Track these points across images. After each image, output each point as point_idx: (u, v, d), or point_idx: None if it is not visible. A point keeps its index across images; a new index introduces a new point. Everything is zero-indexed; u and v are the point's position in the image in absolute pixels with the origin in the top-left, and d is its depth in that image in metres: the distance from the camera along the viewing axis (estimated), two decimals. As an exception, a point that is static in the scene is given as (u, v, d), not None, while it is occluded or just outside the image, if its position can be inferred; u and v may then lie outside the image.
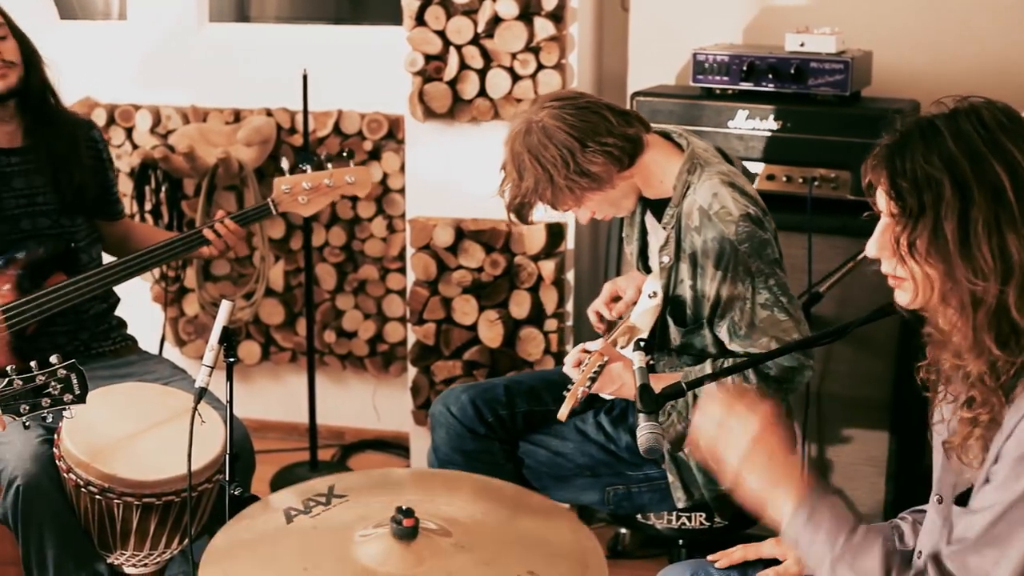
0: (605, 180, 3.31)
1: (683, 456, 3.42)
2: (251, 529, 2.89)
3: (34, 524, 3.57)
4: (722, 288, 3.25)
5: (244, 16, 5.93)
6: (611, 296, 3.73)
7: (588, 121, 3.27)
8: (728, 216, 3.23)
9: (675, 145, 3.43)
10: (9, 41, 3.97)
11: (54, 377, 3.03)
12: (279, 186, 4.13)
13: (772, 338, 3.23)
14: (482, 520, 2.89)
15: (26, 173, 4.02)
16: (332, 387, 5.70)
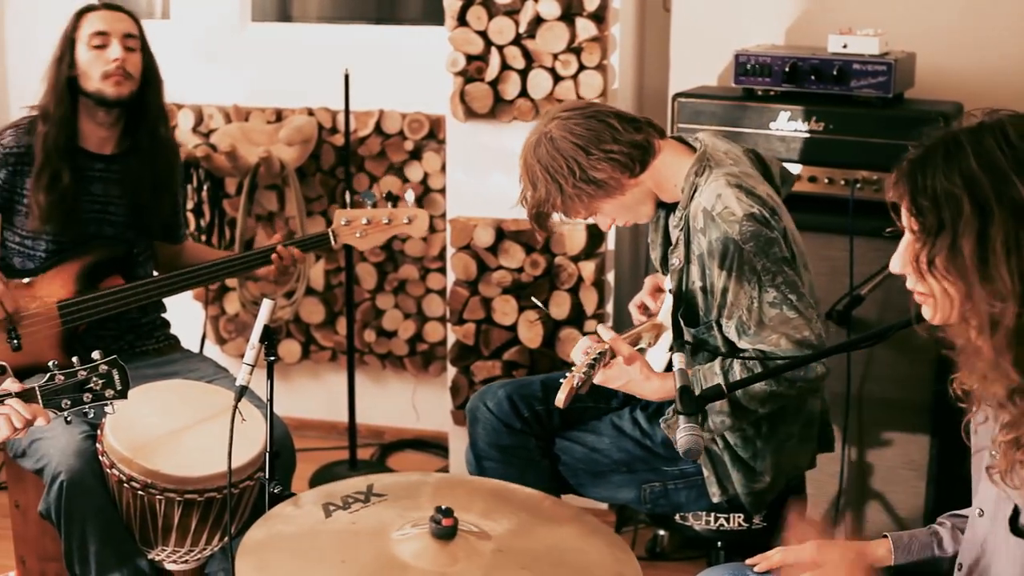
0: (613, 187, 3.34)
1: (717, 451, 3.42)
2: (289, 523, 2.90)
3: (77, 519, 3.59)
4: (728, 287, 3.25)
5: (286, 16, 5.95)
6: (653, 288, 3.73)
7: (593, 130, 3.31)
8: (731, 216, 3.23)
9: (690, 148, 3.44)
10: (136, 56, 4.04)
11: (96, 372, 3.04)
12: (339, 218, 4.16)
13: (783, 335, 3.22)
14: (520, 527, 2.89)
15: (105, 181, 4.07)
16: (372, 386, 5.71)
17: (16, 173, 3.99)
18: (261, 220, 5.52)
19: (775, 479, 3.44)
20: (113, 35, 3.98)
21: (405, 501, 2.97)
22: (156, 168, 4.13)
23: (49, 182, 3.95)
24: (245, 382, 3.14)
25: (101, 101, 3.98)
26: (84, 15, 4.04)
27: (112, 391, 3.06)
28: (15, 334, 3.92)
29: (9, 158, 3.98)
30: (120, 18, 4.04)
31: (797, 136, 4.20)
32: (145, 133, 4.11)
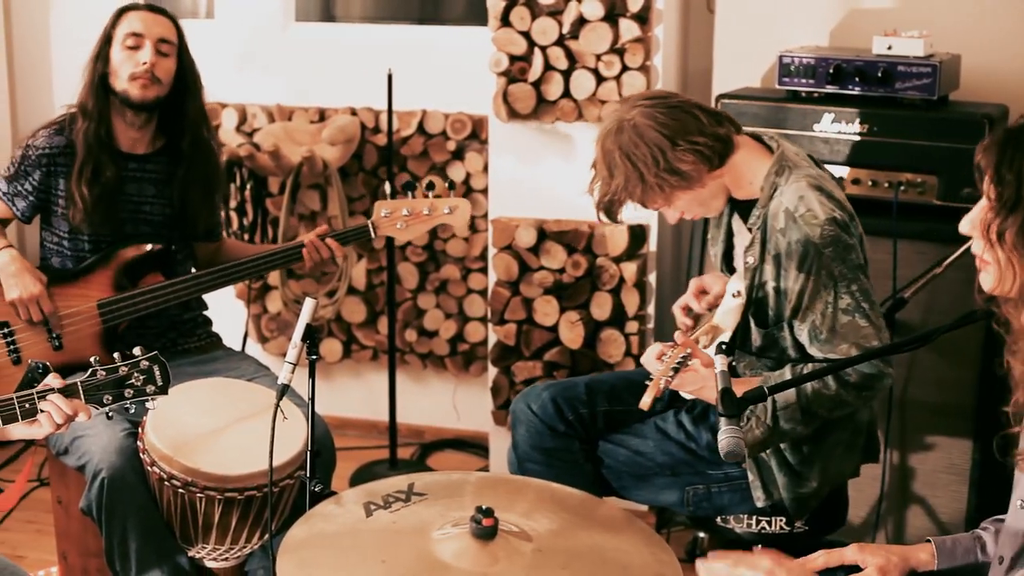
0: (695, 179, 3.31)
1: (764, 455, 3.41)
2: (330, 521, 2.90)
3: (118, 516, 3.60)
4: (804, 290, 3.24)
5: (330, 16, 5.96)
6: (698, 290, 3.71)
7: (679, 120, 3.28)
8: (813, 219, 3.21)
9: (765, 147, 3.42)
10: (168, 61, 4.04)
11: (137, 368, 3.06)
12: (379, 210, 4.15)
13: (852, 344, 3.21)
14: (560, 528, 2.89)
15: (139, 181, 4.09)
16: (412, 386, 5.72)
17: (50, 174, 4.00)
18: (304, 219, 5.54)
19: (820, 485, 3.42)
20: (147, 37, 3.99)
21: (446, 500, 2.97)
22: (198, 172, 4.15)
23: (92, 176, 3.97)
24: (287, 381, 3.15)
25: (126, 102, 4.00)
26: (124, 14, 4.05)
27: (153, 387, 3.08)
28: (55, 333, 3.94)
29: (42, 159, 3.99)
30: (158, 21, 4.04)
31: (841, 138, 4.18)
32: (186, 137, 4.12)
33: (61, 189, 4.00)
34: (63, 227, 4.04)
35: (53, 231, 4.07)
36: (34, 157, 3.99)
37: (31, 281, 3.91)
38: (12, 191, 4.02)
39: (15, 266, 3.92)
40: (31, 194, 4.01)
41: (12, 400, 2.92)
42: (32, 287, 3.90)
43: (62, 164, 4.00)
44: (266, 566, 3.76)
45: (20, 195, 4.02)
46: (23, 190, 4.01)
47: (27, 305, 3.90)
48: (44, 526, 4.77)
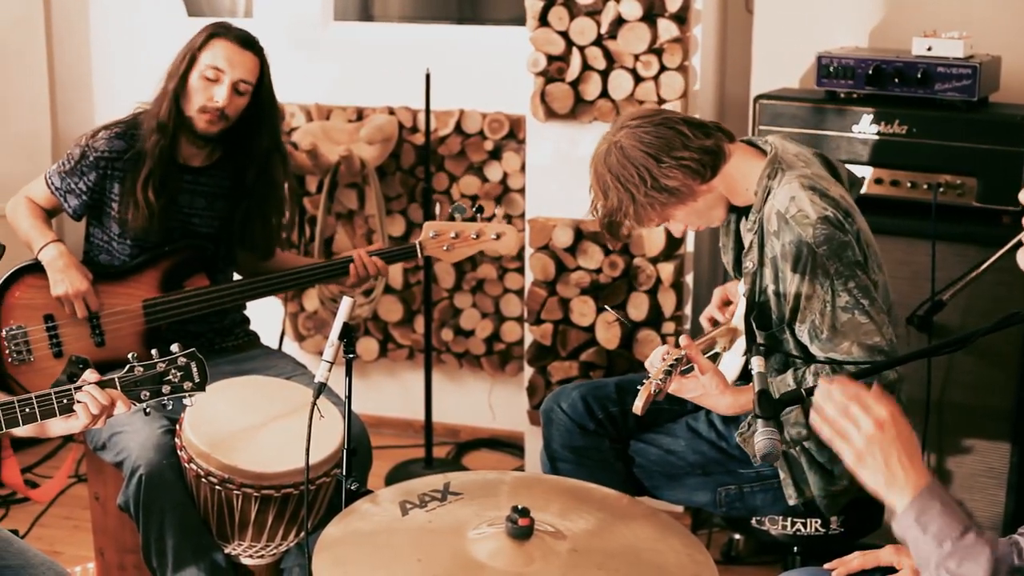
0: (686, 194, 3.33)
1: (795, 454, 3.40)
2: (366, 520, 2.91)
3: (155, 512, 3.62)
4: (801, 291, 3.24)
5: (368, 15, 5.97)
6: (722, 300, 3.72)
7: (663, 137, 3.30)
8: (805, 219, 3.21)
9: (760, 151, 3.42)
10: (242, 99, 4.00)
11: (174, 365, 3.07)
12: (427, 231, 4.16)
13: (854, 342, 3.20)
14: (596, 528, 2.89)
15: (192, 193, 4.10)
16: (448, 385, 5.72)
17: (106, 177, 4.01)
18: (341, 218, 5.55)
19: (852, 483, 3.41)
20: (228, 75, 3.94)
21: (482, 500, 2.98)
22: (261, 205, 4.16)
23: (159, 186, 3.97)
24: (324, 379, 3.16)
25: (190, 128, 3.99)
26: (213, 40, 3.98)
27: (190, 383, 3.09)
28: (99, 330, 3.97)
29: (100, 162, 4.00)
30: (244, 59, 3.97)
31: (879, 139, 4.16)
32: (251, 170, 4.11)
33: (115, 193, 4.01)
34: (113, 229, 4.05)
35: (103, 230, 4.09)
36: (92, 159, 4.00)
37: (78, 277, 3.93)
38: (65, 187, 4.03)
39: (62, 261, 3.94)
40: (85, 194, 4.03)
41: (50, 395, 2.94)
42: (79, 283, 3.92)
43: (119, 169, 4.00)
44: (302, 564, 3.77)
45: (73, 193, 4.03)
46: (77, 188, 4.02)
47: (73, 301, 3.93)
48: (81, 522, 4.79)
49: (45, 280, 3.95)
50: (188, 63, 3.97)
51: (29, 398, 2.93)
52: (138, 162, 3.98)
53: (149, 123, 3.98)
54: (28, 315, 3.95)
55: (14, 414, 2.92)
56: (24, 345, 3.92)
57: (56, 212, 4.10)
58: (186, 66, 3.97)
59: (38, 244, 3.98)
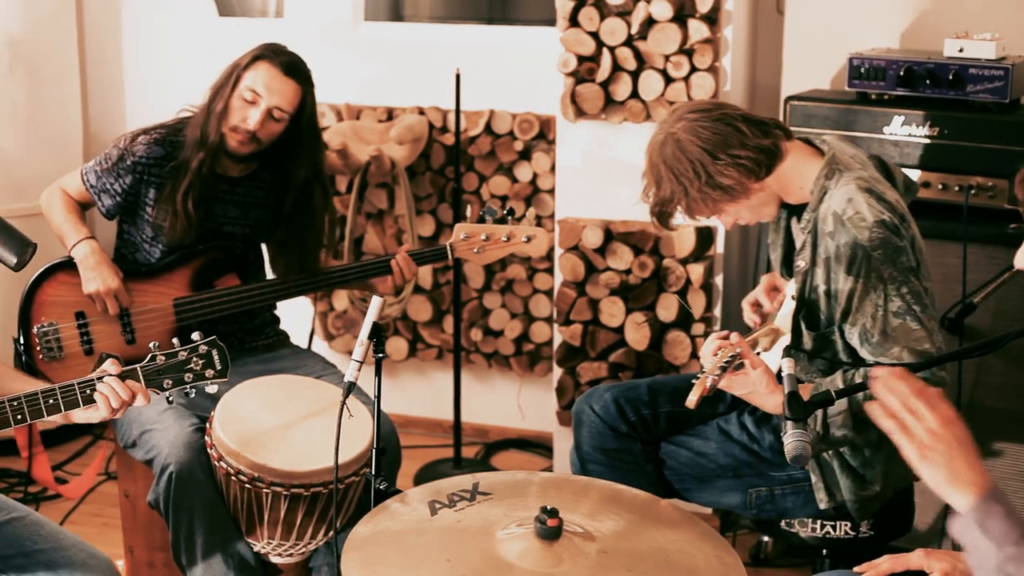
0: (739, 192, 3.31)
1: (827, 458, 3.39)
2: (395, 519, 2.91)
3: (184, 510, 3.63)
4: (854, 293, 3.23)
5: (398, 15, 5.99)
6: (769, 287, 3.70)
7: (721, 133, 3.27)
8: (862, 222, 3.20)
9: (817, 151, 3.41)
10: (276, 126, 3.98)
11: (196, 353, 3.08)
12: (458, 232, 4.17)
13: (904, 347, 3.18)
14: (625, 529, 2.89)
15: (224, 202, 4.11)
16: (477, 385, 5.73)
17: (142, 181, 4.02)
18: (371, 218, 5.56)
19: (884, 488, 3.40)
20: (264, 100, 3.93)
21: (510, 500, 2.98)
22: (298, 233, 4.14)
23: (199, 198, 3.98)
24: (353, 378, 3.16)
25: (223, 144, 3.99)
26: (258, 63, 3.96)
27: (212, 371, 3.10)
28: (130, 328, 3.98)
29: (137, 167, 4.01)
30: (284, 87, 3.95)
31: (911, 141, 4.15)
32: (288, 198, 4.12)
33: (150, 198, 4.03)
34: (147, 231, 4.07)
35: (136, 230, 4.10)
36: (129, 162, 4.00)
37: (110, 275, 3.95)
38: (100, 186, 4.05)
39: (94, 258, 3.96)
40: (119, 195, 4.04)
41: (73, 387, 2.95)
42: (110, 281, 3.94)
43: (155, 175, 4.01)
44: (331, 562, 3.78)
45: (108, 193, 4.04)
46: (112, 190, 4.04)
47: (104, 298, 3.94)
48: (111, 519, 4.81)
49: (77, 277, 3.96)
50: (232, 81, 3.96)
51: (53, 389, 2.94)
52: (178, 171, 3.98)
53: (193, 134, 3.99)
54: (60, 312, 3.97)
55: (38, 406, 2.93)
56: (56, 342, 3.94)
57: (89, 206, 4.12)
58: (230, 84, 3.96)
59: (71, 240, 4.00)
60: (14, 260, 2.89)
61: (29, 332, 3.95)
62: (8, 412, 2.91)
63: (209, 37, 5.87)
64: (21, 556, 2.99)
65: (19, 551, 3.00)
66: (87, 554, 3.04)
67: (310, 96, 4.03)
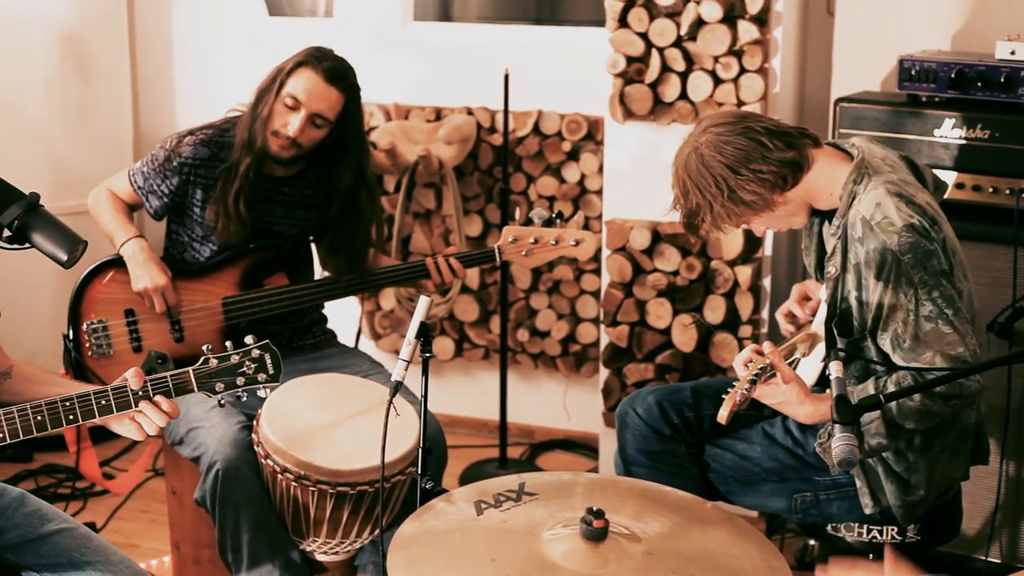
0: (761, 206, 3.32)
1: (871, 463, 3.38)
2: (441, 519, 2.91)
3: (231, 507, 3.65)
4: (884, 299, 3.20)
5: (447, 15, 5.99)
6: (801, 296, 3.70)
7: (742, 149, 3.27)
8: (890, 226, 3.18)
9: (847, 155, 3.39)
10: (316, 132, 4.00)
11: (248, 357, 3.09)
12: (507, 235, 4.18)
13: (937, 352, 3.16)
14: (671, 531, 2.88)
15: (271, 202, 4.13)
16: (523, 385, 5.73)
17: (189, 182, 4.04)
18: (418, 218, 5.56)
19: (928, 492, 3.38)
20: (305, 108, 3.94)
21: (556, 501, 2.97)
22: (347, 238, 4.16)
23: (248, 200, 4.00)
24: (400, 378, 3.17)
25: (264, 148, 4.00)
26: (301, 69, 3.96)
27: (264, 375, 3.11)
28: (179, 326, 4.00)
29: (184, 168, 4.03)
30: (326, 95, 3.95)
31: (961, 144, 4.12)
32: (334, 204, 4.13)
33: (198, 198, 4.05)
34: (196, 231, 4.09)
35: (184, 230, 4.12)
36: (176, 164, 4.03)
37: (158, 273, 3.97)
38: (147, 187, 4.07)
39: (143, 256, 3.98)
40: (166, 196, 4.06)
41: (126, 389, 2.96)
42: (159, 279, 3.96)
43: (202, 176, 4.03)
44: (376, 561, 3.79)
45: (155, 194, 4.07)
46: (159, 191, 4.06)
47: (153, 296, 3.96)
48: (158, 516, 4.84)
49: (126, 275, 3.99)
50: (276, 87, 3.97)
51: (105, 391, 2.95)
52: (227, 173, 3.99)
53: (241, 136, 4.01)
54: (109, 309, 4.00)
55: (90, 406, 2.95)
56: (104, 339, 3.97)
57: (137, 207, 4.14)
58: (273, 90, 3.97)
59: (120, 239, 4.02)
60: (64, 257, 2.90)
61: (79, 329, 3.98)
62: (60, 412, 2.93)
63: (259, 37, 5.89)
64: (69, 566, 3.01)
65: (67, 560, 3.02)
66: (133, 572, 3.06)
67: (354, 102, 4.03)
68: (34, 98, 5.47)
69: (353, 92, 4.03)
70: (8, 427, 2.89)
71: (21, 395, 2.98)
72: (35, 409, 2.90)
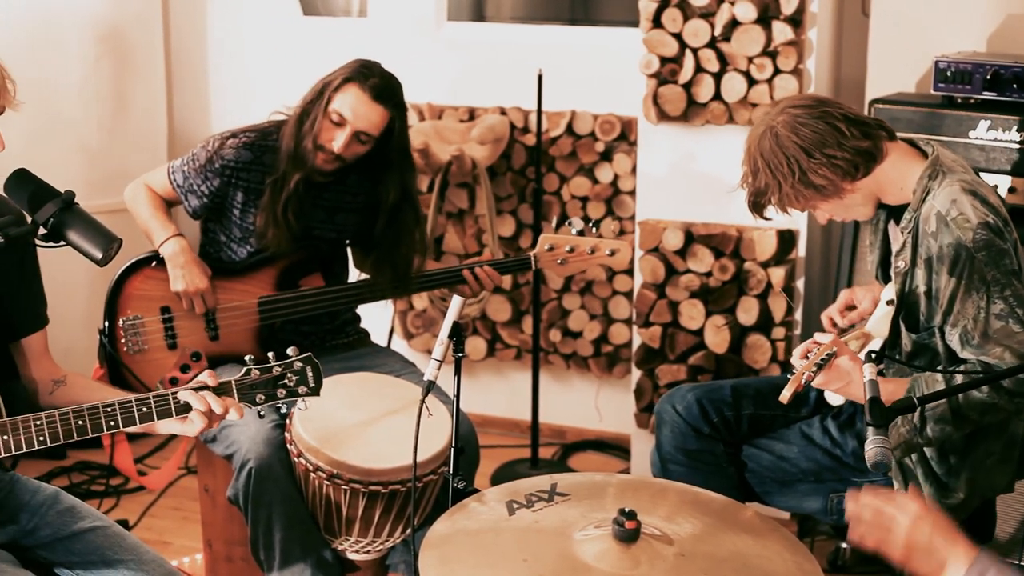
0: (831, 191, 3.30)
1: (910, 464, 3.36)
2: (473, 518, 2.91)
3: (263, 506, 3.66)
4: (956, 295, 3.19)
5: (481, 16, 5.99)
6: (846, 304, 3.69)
7: (819, 132, 3.26)
8: (966, 223, 3.17)
9: (920, 152, 3.38)
10: (361, 147, 4.00)
11: (290, 369, 3.09)
12: (543, 243, 4.18)
13: (1006, 348, 3.15)
14: (703, 533, 2.87)
15: (314, 209, 4.13)
16: (555, 386, 5.72)
17: (230, 184, 4.05)
18: (451, 218, 5.57)
19: (968, 497, 3.36)
20: (351, 126, 3.94)
21: (588, 501, 2.97)
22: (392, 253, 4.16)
23: (297, 211, 4.02)
24: (433, 377, 3.17)
25: (304, 159, 4.01)
26: (347, 85, 3.95)
27: (305, 388, 3.11)
28: (214, 325, 4.01)
29: (225, 170, 4.04)
30: (372, 112, 3.94)
31: (997, 146, 4.10)
32: (379, 220, 4.13)
33: (239, 200, 4.06)
34: (234, 232, 4.10)
35: (222, 230, 4.13)
36: (218, 166, 4.03)
37: (198, 275, 3.98)
38: (187, 187, 4.08)
39: (184, 258, 3.99)
40: (206, 196, 4.07)
41: (168, 397, 2.97)
42: (199, 281, 3.97)
43: (243, 179, 4.04)
44: (408, 560, 3.79)
45: (195, 193, 4.07)
46: (199, 191, 4.07)
47: (192, 297, 3.98)
48: (190, 513, 4.86)
49: (164, 272, 4.00)
50: (324, 102, 3.96)
51: (147, 398, 2.96)
52: (277, 183, 4.00)
53: (287, 146, 4.01)
54: (145, 306, 4.01)
55: (131, 413, 2.96)
56: (140, 335, 3.98)
57: (175, 204, 4.15)
58: (321, 104, 3.96)
59: (159, 237, 4.03)
60: (99, 255, 2.91)
61: (114, 324, 3.99)
62: (102, 418, 2.94)
63: (293, 35, 5.91)
64: (102, 563, 3.03)
65: (100, 558, 3.03)
66: (165, 571, 3.07)
67: (400, 120, 4.03)
68: (70, 97, 5.50)
69: (400, 111, 4.02)
70: (49, 431, 2.90)
71: (76, 403, 2.99)
72: (76, 413, 2.91)
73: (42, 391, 3.14)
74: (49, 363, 3.18)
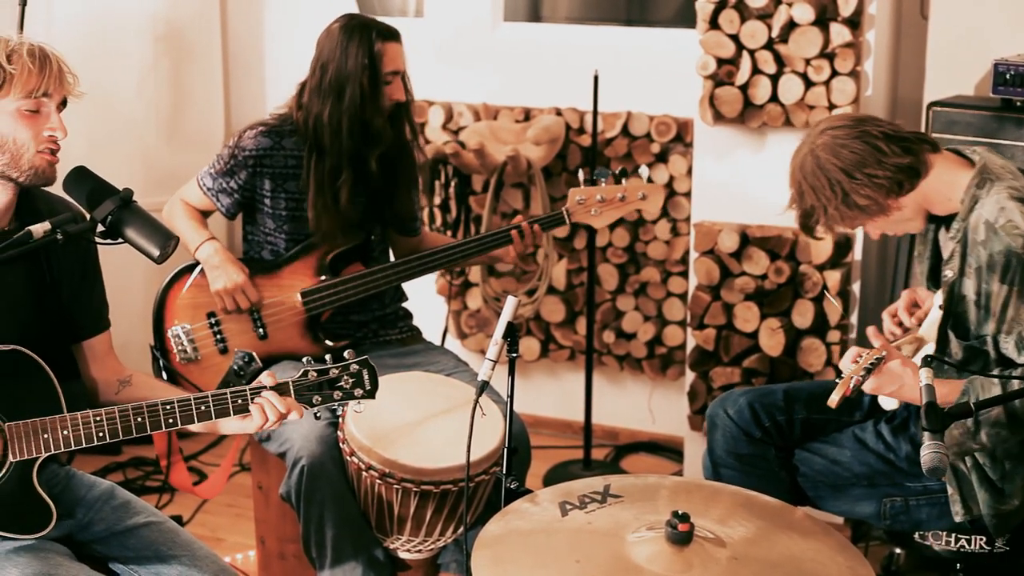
0: (876, 210, 3.33)
1: (964, 469, 3.34)
2: (525, 519, 2.91)
3: (316, 504, 3.67)
4: (1008, 302, 3.18)
5: (537, 16, 5.99)
6: (910, 303, 3.67)
7: (858, 153, 3.28)
8: (1015, 230, 3.15)
9: (967, 161, 3.36)
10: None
11: (347, 371, 3.10)
12: (573, 197, 4.17)
13: None
14: (756, 536, 2.86)
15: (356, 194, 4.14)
16: (608, 387, 5.72)
17: (256, 174, 4.08)
18: (506, 218, 5.57)
19: (1024, 503, 3.34)
20: (400, 72, 4.07)
21: (641, 503, 2.96)
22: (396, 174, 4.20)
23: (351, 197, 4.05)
24: (487, 377, 3.17)
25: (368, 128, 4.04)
26: (385, 44, 4.06)
27: (361, 390, 3.12)
28: (261, 323, 4.03)
29: (249, 160, 4.06)
30: (400, 51, 4.11)
31: (1056, 149, 4.07)
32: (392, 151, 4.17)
33: (267, 188, 4.08)
34: (267, 224, 4.12)
35: (256, 227, 4.16)
36: (241, 158, 4.06)
37: (235, 271, 4.00)
38: (217, 188, 4.10)
39: (218, 257, 4.02)
40: (236, 192, 4.09)
41: (225, 396, 2.99)
42: (236, 277, 3.99)
43: (267, 165, 4.07)
44: (459, 559, 3.79)
45: (225, 192, 4.10)
46: (229, 188, 4.09)
47: (232, 295, 3.99)
48: (244, 510, 4.88)
49: (205, 279, 4.03)
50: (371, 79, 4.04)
51: (205, 397, 2.98)
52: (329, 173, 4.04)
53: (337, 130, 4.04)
54: (191, 314, 4.04)
55: (190, 411, 2.98)
56: (190, 343, 4.01)
57: (210, 213, 4.18)
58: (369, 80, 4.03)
59: (194, 243, 4.07)
60: (156, 252, 2.93)
61: (163, 337, 4.02)
62: (160, 415, 2.96)
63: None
64: (155, 559, 3.05)
65: (154, 554, 3.05)
66: (219, 567, 3.08)
67: None
68: (128, 96, 5.54)
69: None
70: (109, 427, 2.92)
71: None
72: (136, 411, 2.94)
73: (108, 391, 3.18)
74: (114, 363, 3.21)
